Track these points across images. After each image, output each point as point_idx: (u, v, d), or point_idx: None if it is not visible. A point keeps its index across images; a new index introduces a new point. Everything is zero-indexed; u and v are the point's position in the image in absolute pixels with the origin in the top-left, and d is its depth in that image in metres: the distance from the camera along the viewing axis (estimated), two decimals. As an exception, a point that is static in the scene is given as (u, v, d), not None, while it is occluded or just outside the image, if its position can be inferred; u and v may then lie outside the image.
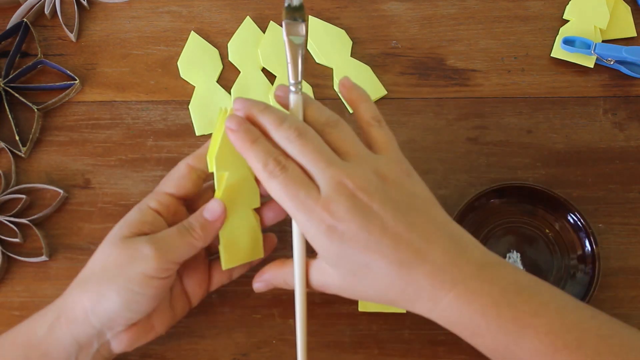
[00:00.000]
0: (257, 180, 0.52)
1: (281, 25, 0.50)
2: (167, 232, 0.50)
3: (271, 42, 0.66)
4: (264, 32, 0.67)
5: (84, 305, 0.48)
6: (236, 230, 0.52)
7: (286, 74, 0.50)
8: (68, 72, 0.65)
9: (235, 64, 0.66)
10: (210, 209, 0.50)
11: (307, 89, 0.65)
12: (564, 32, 0.66)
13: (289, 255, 0.60)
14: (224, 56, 0.67)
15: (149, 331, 0.52)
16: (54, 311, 0.49)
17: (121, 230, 0.50)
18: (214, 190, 0.52)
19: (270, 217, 0.54)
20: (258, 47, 0.66)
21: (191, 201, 0.55)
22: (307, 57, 0.66)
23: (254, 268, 0.55)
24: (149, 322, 0.51)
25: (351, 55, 0.66)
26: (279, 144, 0.47)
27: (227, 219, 0.51)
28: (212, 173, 0.52)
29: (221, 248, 0.52)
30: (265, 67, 0.66)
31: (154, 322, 0.52)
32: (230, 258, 0.53)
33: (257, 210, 0.54)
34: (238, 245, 0.53)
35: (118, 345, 0.50)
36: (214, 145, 0.52)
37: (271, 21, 0.67)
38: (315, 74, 0.66)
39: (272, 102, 0.64)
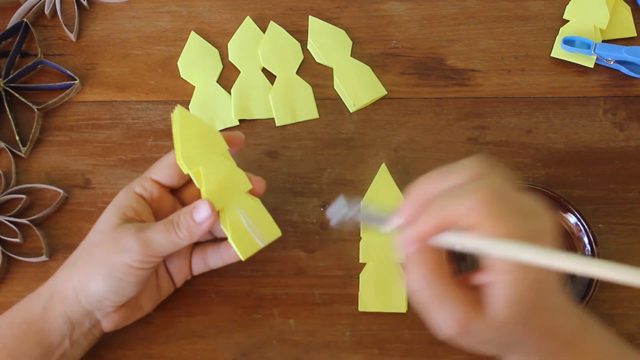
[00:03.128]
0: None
1: (280, 25, 0.50)
2: (153, 227, 0.50)
3: (271, 42, 0.66)
4: (264, 32, 0.67)
5: (74, 285, 0.51)
6: (239, 219, 0.52)
7: (286, 72, 0.50)
8: (68, 72, 0.65)
9: (235, 64, 0.66)
10: (199, 211, 0.50)
11: (306, 89, 0.65)
12: (564, 32, 0.66)
13: (290, 255, 0.60)
14: (224, 56, 0.67)
15: (137, 310, 0.54)
16: (47, 291, 0.52)
17: (111, 217, 0.52)
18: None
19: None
20: (258, 47, 0.66)
21: (178, 189, 0.55)
22: (307, 57, 0.66)
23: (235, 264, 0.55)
24: (137, 303, 0.54)
25: (351, 55, 0.66)
26: None
27: (224, 210, 0.52)
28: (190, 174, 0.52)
29: (231, 241, 0.52)
30: (265, 67, 0.66)
31: (141, 302, 0.54)
32: (245, 247, 0.52)
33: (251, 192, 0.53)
34: (248, 232, 0.52)
35: (108, 324, 0.53)
36: (177, 147, 0.51)
37: (271, 21, 0.67)
38: (315, 74, 0.66)
39: (271, 102, 0.64)
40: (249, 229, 0.52)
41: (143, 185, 0.53)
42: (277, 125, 0.64)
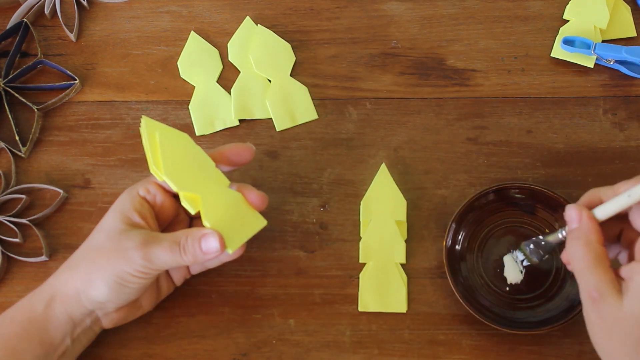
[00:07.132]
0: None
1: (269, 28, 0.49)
2: (159, 244, 0.50)
3: (261, 47, 0.65)
4: (263, 32, 0.67)
5: (76, 287, 0.51)
6: (219, 211, 0.51)
7: (280, 76, 0.48)
8: (68, 72, 0.65)
9: (235, 64, 0.66)
10: (208, 242, 0.49)
11: (302, 90, 0.65)
12: (564, 32, 0.66)
13: (290, 255, 0.60)
14: (224, 56, 0.67)
15: (137, 310, 0.56)
16: (48, 290, 0.52)
17: (115, 220, 0.52)
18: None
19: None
20: (248, 52, 0.66)
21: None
22: (305, 57, 0.66)
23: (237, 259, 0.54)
24: (137, 303, 0.55)
25: (351, 56, 0.66)
26: None
27: (203, 202, 0.50)
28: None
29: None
30: (258, 72, 0.65)
31: (142, 302, 0.55)
32: (231, 239, 0.51)
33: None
34: (231, 224, 0.51)
35: (108, 322, 0.54)
36: (157, 161, 0.50)
37: (259, 25, 0.66)
38: (315, 73, 0.66)
39: (269, 108, 0.64)
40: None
41: (147, 188, 0.53)
42: (277, 130, 0.64)
